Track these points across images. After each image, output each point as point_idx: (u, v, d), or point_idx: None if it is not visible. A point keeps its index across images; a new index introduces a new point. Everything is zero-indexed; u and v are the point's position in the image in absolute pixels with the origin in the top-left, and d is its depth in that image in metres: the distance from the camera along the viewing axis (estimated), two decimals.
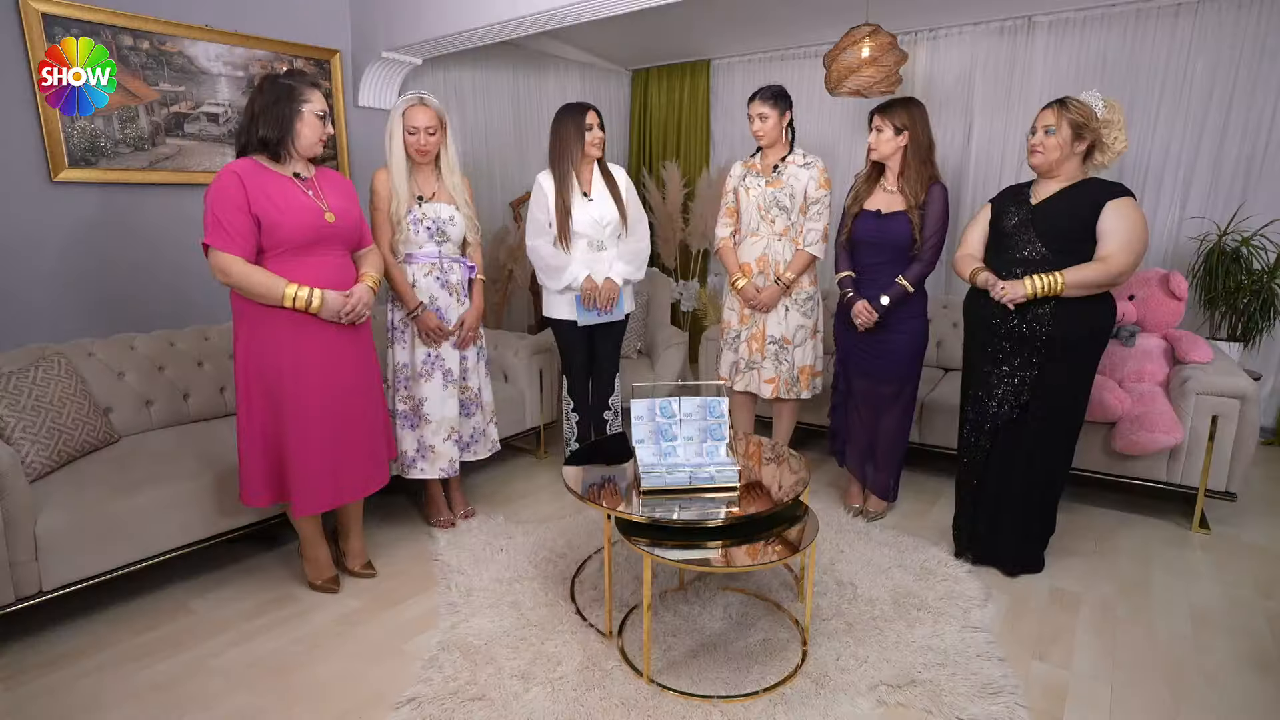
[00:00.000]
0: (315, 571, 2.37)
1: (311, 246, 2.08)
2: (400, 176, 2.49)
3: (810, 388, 2.94)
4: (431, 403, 2.61)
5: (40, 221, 2.73)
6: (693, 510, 1.92)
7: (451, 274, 2.62)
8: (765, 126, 2.75)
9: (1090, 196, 2.15)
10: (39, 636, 2.09)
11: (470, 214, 2.64)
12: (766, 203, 2.81)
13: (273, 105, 2.03)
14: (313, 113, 2.08)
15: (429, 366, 2.61)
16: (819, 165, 2.80)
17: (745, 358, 2.95)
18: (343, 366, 2.17)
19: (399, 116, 2.46)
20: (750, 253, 2.86)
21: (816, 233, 2.79)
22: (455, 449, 2.68)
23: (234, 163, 2.04)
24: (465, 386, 2.71)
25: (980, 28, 4.01)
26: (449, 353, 2.62)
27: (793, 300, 2.85)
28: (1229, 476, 2.68)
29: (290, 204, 2.04)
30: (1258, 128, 3.45)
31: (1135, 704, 1.82)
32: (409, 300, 2.55)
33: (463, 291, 2.66)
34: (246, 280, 1.98)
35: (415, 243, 2.55)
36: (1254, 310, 3.42)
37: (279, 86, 2.05)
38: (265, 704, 1.82)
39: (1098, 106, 2.17)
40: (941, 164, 4.19)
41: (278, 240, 2.02)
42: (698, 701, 1.80)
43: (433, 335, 2.58)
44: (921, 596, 2.27)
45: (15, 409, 2.17)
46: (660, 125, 5.37)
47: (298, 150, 2.09)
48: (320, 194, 2.13)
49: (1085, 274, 2.10)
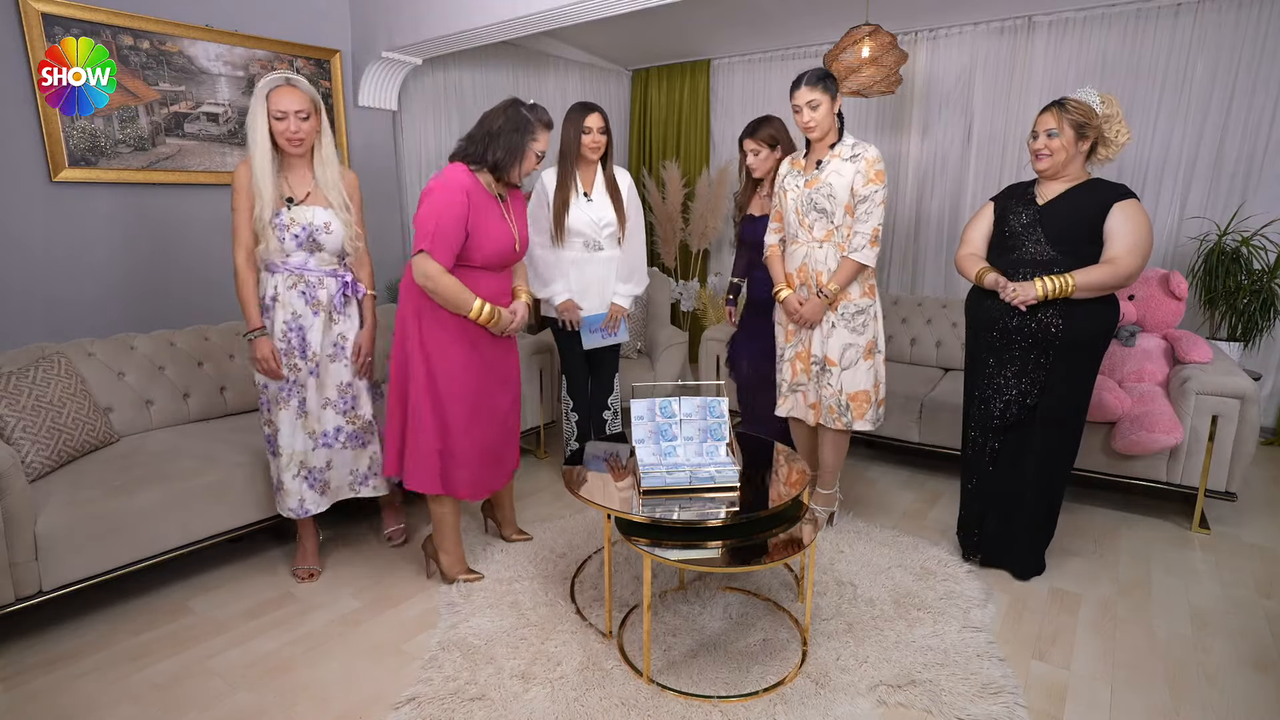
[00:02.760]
0: (451, 566, 2.38)
1: (495, 268, 2.24)
2: (265, 173, 2.11)
3: (870, 417, 2.53)
4: (284, 434, 2.24)
5: (40, 221, 2.73)
6: (693, 510, 1.92)
7: (320, 289, 2.22)
8: (818, 115, 2.38)
9: (1097, 198, 2.15)
10: (39, 636, 2.09)
11: (351, 218, 2.26)
12: (803, 205, 2.48)
13: (512, 132, 2.15)
14: (534, 152, 2.20)
15: (286, 394, 2.23)
16: (869, 155, 2.39)
17: (788, 379, 2.65)
18: (504, 370, 2.33)
19: (262, 99, 2.09)
20: (791, 262, 2.55)
21: (864, 236, 2.39)
22: (307, 488, 2.30)
23: (460, 175, 2.12)
24: (356, 416, 2.36)
25: (980, 28, 4.01)
26: (307, 381, 2.24)
27: (839, 315, 2.48)
28: (1229, 476, 2.68)
29: (494, 230, 2.17)
30: (1258, 128, 3.45)
31: (1135, 704, 1.82)
32: (250, 319, 2.16)
33: (338, 310, 2.26)
34: (446, 289, 2.08)
35: (282, 251, 2.17)
36: (1254, 310, 3.42)
37: (521, 117, 2.16)
38: (265, 704, 1.82)
39: (1094, 102, 2.16)
40: (941, 164, 4.24)
41: (474, 259, 2.15)
42: (698, 701, 1.80)
43: (262, 367, 2.18)
44: (921, 596, 2.27)
45: (15, 409, 2.17)
46: (660, 125, 5.37)
47: (513, 179, 2.22)
48: (513, 220, 2.26)
49: (1094, 276, 2.09)
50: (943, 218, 4.30)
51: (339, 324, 2.28)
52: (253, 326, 2.17)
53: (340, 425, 2.33)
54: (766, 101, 4.85)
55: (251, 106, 2.10)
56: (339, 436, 2.33)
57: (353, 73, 3.68)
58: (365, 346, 2.33)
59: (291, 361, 2.20)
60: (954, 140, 4.21)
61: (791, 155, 2.63)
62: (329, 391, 2.29)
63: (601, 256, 2.86)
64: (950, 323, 3.71)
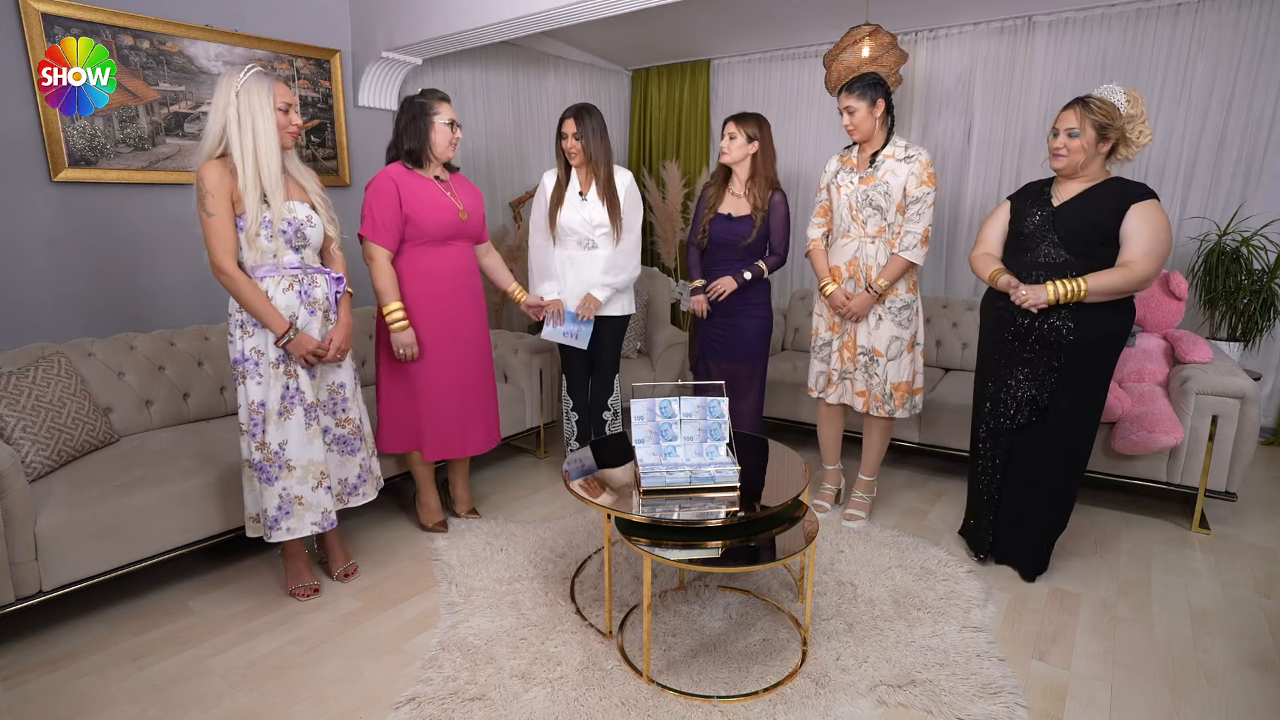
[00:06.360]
0: (427, 515, 2.76)
1: (447, 240, 2.50)
2: (274, 171, 2.02)
3: (908, 406, 2.67)
4: (294, 445, 2.13)
5: (40, 221, 2.73)
6: (693, 510, 1.92)
7: (316, 288, 2.16)
8: (855, 120, 2.52)
9: (1114, 199, 2.10)
10: (39, 636, 2.09)
11: (326, 206, 2.21)
12: (859, 201, 2.57)
13: (411, 122, 2.42)
14: (442, 122, 2.44)
15: (289, 403, 2.13)
16: (922, 159, 2.51)
17: (838, 368, 2.73)
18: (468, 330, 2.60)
19: (265, 93, 1.99)
20: (840, 256, 2.64)
21: (915, 235, 2.51)
22: (328, 498, 2.22)
23: (388, 167, 2.44)
24: (346, 419, 2.32)
25: (980, 28, 4.01)
26: (306, 384, 2.15)
27: (886, 309, 2.59)
28: (1229, 476, 2.68)
29: (433, 203, 2.44)
30: (1258, 128, 3.45)
31: (1135, 704, 1.82)
32: (277, 324, 2.06)
33: (331, 308, 2.21)
34: (379, 273, 2.41)
35: (271, 253, 2.07)
36: (1254, 310, 3.42)
37: (414, 105, 2.43)
38: (265, 704, 1.82)
39: (1119, 101, 2.09)
40: (941, 164, 4.24)
41: (421, 233, 2.43)
42: (698, 701, 1.79)
43: (309, 359, 2.14)
44: (921, 596, 2.27)
45: (15, 409, 2.17)
46: (660, 125, 5.37)
47: (435, 155, 2.47)
48: (455, 195, 2.52)
49: (1108, 280, 2.06)
50: (943, 218, 4.29)
51: (332, 322, 2.22)
52: (285, 328, 2.06)
53: (328, 426, 2.28)
54: (766, 101, 4.85)
55: (248, 103, 1.97)
56: (326, 438, 2.27)
57: (353, 73, 3.68)
58: (338, 342, 2.19)
59: (290, 366, 2.12)
60: (954, 140, 4.21)
61: (840, 153, 2.75)
62: (321, 392, 2.25)
63: (596, 255, 2.88)
64: (950, 323, 3.71)
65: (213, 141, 2.00)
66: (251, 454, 2.12)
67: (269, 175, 2.01)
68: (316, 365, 2.20)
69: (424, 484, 2.74)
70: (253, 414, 2.10)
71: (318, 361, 2.17)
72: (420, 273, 2.48)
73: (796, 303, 4.16)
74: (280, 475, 2.13)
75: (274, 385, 2.10)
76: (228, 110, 1.98)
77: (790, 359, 3.78)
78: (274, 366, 2.10)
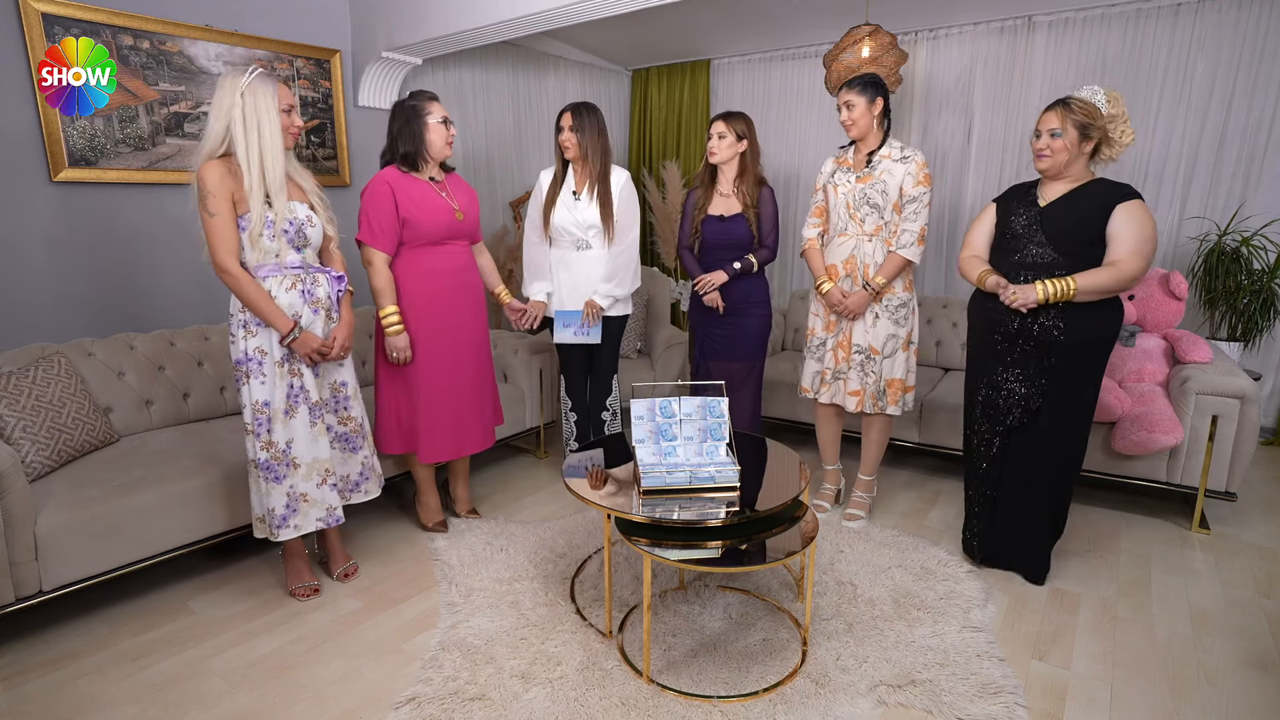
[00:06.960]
0: (427, 515, 2.77)
1: (444, 240, 2.51)
2: (278, 171, 2.03)
3: (901, 404, 2.70)
4: (300, 443, 2.14)
5: (40, 221, 2.73)
6: (693, 510, 1.92)
7: (318, 287, 2.17)
8: (853, 116, 2.54)
9: (1099, 199, 2.12)
10: (39, 636, 2.09)
11: (325, 205, 2.22)
12: (856, 200, 2.59)
13: (405, 125, 2.43)
14: (435, 121, 2.44)
15: (294, 401, 2.14)
16: (918, 159, 2.55)
17: (831, 367, 2.74)
18: (469, 333, 2.61)
19: (270, 94, 2.00)
20: (837, 254, 2.65)
21: (912, 234, 2.54)
22: (333, 494, 2.23)
23: (384, 172, 2.44)
24: (348, 418, 2.33)
25: (980, 28, 4.01)
26: (311, 383, 2.16)
27: (883, 307, 2.62)
28: (1229, 476, 2.68)
29: (429, 204, 2.45)
30: (1258, 128, 3.45)
31: (1135, 704, 1.82)
32: (282, 323, 2.06)
33: (333, 307, 2.22)
34: (377, 277, 2.42)
35: (271, 251, 2.07)
36: (1254, 310, 3.42)
37: (406, 109, 2.44)
38: (265, 704, 1.82)
39: (1099, 101, 2.13)
40: (941, 164, 4.24)
41: (418, 235, 2.44)
42: (698, 701, 1.80)
43: (313, 357, 2.15)
44: (921, 596, 2.27)
45: (15, 409, 2.17)
46: (660, 125, 5.37)
47: (431, 155, 2.47)
48: (451, 195, 2.53)
49: (1096, 279, 2.07)
50: (942, 218, 4.30)
51: (334, 321, 2.23)
52: (290, 326, 2.06)
53: (330, 424, 2.30)
54: (766, 101, 4.85)
55: (254, 104, 1.97)
56: (329, 436, 2.29)
57: (353, 73, 3.68)
58: (342, 340, 2.20)
59: (294, 365, 2.13)
60: (954, 140, 4.21)
61: (835, 154, 2.76)
62: (323, 391, 2.26)
63: (589, 255, 2.88)
64: (950, 323, 3.71)
65: (214, 142, 2.00)
66: (257, 454, 2.12)
67: (274, 176, 2.02)
68: (320, 364, 2.21)
69: (424, 484, 2.75)
70: (257, 414, 2.10)
71: (322, 360, 2.18)
72: (419, 272, 2.48)
73: (796, 303, 4.16)
74: (287, 474, 2.14)
75: (279, 384, 2.11)
76: (232, 111, 1.98)
77: (790, 359, 3.78)
78: (278, 366, 2.10)
